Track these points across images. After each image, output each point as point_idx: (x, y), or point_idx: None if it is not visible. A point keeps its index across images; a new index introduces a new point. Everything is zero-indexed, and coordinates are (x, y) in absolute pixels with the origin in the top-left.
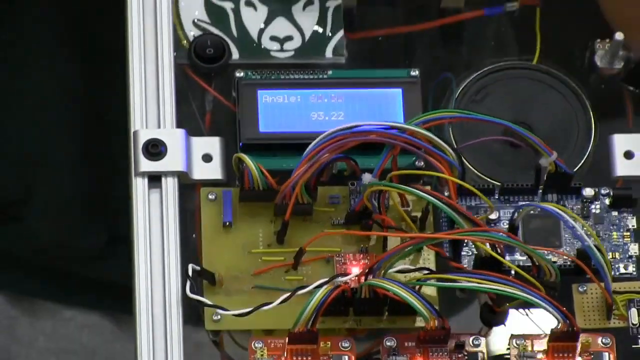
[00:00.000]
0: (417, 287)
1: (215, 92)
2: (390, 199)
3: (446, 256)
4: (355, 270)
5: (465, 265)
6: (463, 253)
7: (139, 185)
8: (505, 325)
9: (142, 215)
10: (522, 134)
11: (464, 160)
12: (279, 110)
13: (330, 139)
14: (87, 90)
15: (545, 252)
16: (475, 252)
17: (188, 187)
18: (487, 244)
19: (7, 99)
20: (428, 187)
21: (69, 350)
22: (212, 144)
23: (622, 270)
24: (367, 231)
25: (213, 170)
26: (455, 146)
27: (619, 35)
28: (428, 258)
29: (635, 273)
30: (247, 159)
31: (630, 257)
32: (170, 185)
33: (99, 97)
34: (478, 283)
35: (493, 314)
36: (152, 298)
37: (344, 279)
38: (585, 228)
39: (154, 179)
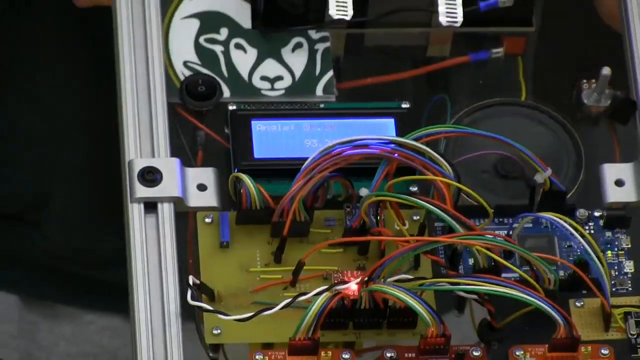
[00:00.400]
0: (418, 292)
1: (207, 129)
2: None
3: (444, 264)
4: (355, 280)
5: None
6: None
7: (135, 211)
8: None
9: (139, 242)
10: (518, 148)
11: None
12: (273, 137)
13: (328, 153)
14: (102, 96)
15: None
16: (472, 263)
17: (182, 217)
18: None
19: (21, 105)
20: None
21: (89, 353)
22: (206, 174)
23: (618, 287)
24: (365, 250)
25: (208, 198)
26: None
27: (605, 70)
28: (425, 270)
29: (631, 289)
30: (245, 177)
31: (626, 273)
32: (166, 211)
33: (114, 102)
34: (478, 285)
35: (492, 331)
36: (152, 320)
37: (344, 286)
38: (585, 237)
39: (150, 207)
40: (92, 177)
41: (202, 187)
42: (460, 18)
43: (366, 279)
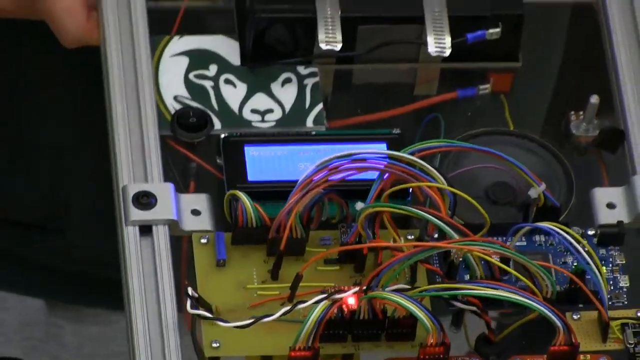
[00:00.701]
0: (418, 299)
1: (199, 159)
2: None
3: (441, 274)
4: (353, 289)
5: None
6: None
7: (130, 234)
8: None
9: (135, 265)
10: (511, 161)
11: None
12: (266, 161)
13: (325, 167)
14: None
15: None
16: (468, 277)
17: (176, 242)
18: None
19: (40, 117)
20: None
21: (115, 352)
22: (200, 200)
23: (615, 300)
24: (362, 266)
25: (203, 223)
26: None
27: (594, 99)
28: (422, 284)
29: (627, 302)
30: (241, 194)
31: (621, 287)
32: (161, 234)
33: None
34: (479, 290)
35: (490, 345)
36: (150, 339)
37: (342, 295)
38: (582, 244)
39: (145, 230)
40: (109, 182)
41: (196, 212)
42: (448, 47)
43: (364, 288)
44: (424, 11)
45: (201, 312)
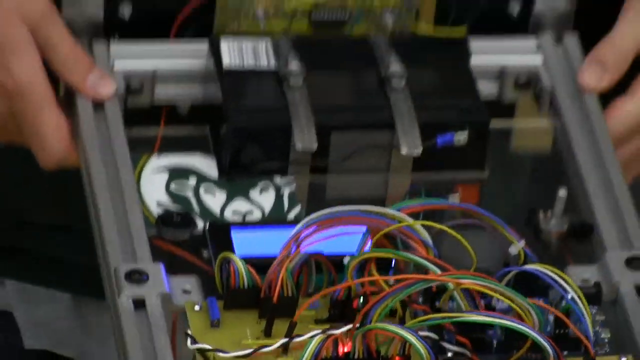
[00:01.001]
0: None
1: (185, 254)
2: None
3: (429, 311)
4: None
5: None
6: None
7: (124, 306)
8: None
9: (132, 339)
10: (491, 218)
11: None
12: (253, 240)
13: (317, 222)
14: None
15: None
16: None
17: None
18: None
19: None
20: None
21: None
22: (189, 281)
23: (598, 349)
24: (354, 319)
25: (194, 298)
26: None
27: (562, 193)
28: None
29: (609, 350)
30: (233, 255)
31: (603, 339)
32: (155, 306)
33: None
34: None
35: None
36: None
37: (337, 331)
38: (570, 285)
39: (139, 305)
40: None
41: (186, 292)
42: (419, 146)
43: (357, 325)
44: (394, 117)
45: (201, 345)
